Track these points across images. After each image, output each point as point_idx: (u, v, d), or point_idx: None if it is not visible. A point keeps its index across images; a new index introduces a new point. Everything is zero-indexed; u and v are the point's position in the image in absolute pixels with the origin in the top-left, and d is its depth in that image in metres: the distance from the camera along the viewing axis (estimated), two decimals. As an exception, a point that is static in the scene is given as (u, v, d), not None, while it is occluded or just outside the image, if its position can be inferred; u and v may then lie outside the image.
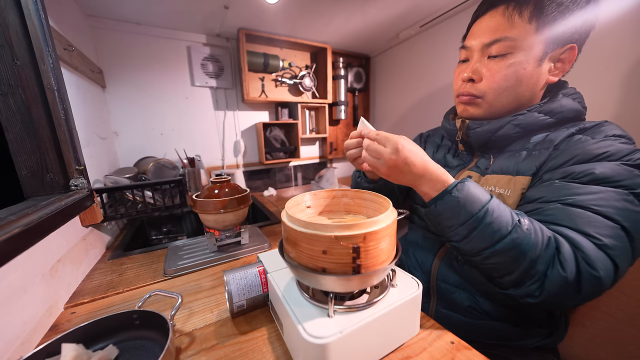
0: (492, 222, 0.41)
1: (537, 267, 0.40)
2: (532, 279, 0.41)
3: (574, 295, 0.39)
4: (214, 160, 1.64)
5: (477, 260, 0.44)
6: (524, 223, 0.41)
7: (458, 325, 0.56)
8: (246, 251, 0.80)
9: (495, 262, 0.43)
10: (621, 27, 0.80)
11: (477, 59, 0.55)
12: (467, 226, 0.42)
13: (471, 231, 0.42)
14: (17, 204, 0.57)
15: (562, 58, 0.51)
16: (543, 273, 0.40)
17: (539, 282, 0.40)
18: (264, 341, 0.47)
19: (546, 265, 0.40)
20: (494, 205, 0.42)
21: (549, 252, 0.40)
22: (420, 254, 0.66)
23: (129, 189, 0.92)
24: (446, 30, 1.39)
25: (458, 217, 0.43)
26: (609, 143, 0.44)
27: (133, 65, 1.33)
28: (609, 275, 0.38)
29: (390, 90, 1.90)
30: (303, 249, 0.37)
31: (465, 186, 0.43)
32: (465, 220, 0.42)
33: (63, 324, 0.54)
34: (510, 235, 0.40)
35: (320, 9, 1.24)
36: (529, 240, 0.40)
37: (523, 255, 0.40)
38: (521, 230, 0.40)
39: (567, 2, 0.47)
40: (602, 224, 0.40)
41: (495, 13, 0.51)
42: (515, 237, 0.40)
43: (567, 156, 0.47)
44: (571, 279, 0.38)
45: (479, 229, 0.42)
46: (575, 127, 0.50)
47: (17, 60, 0.59)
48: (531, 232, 0.40)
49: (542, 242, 0.40)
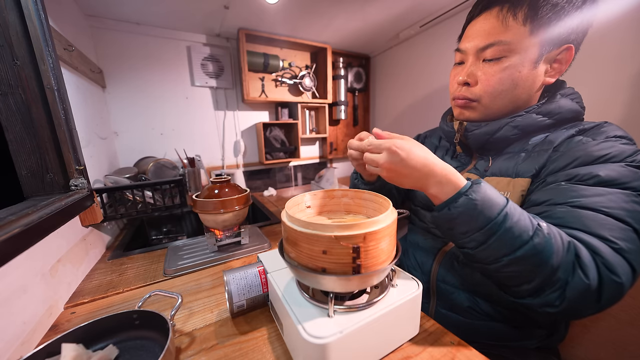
0: (513, 227, 0.38)
1: (558, 274, 0.37)
2: (553, 287, 0.38)
3: (594, 304, 0.37)
4: (214, 160, 1.64)
5: (493, 268, 0.41)
6: (544, 227, 0.38)
7: (458, 325, 0.56)
8: (246, 251, 0.80)
9: (514, 270, 0.39)
10: (624, 26, 0.80)
11: (472, 62, 0.54)
12: (485, 232, 0.39)
13: (489, 237, 0.39)
14: (17, 204, 0.57)
15: (559, 59, 0.50)
16: (564, 281, 0.37)
17: (560, 290, 0.37)
18: (264, 341, 0.47)
19: (568, 272, 0.37)
20: (512, 208, 0.39)
21: (570, 257, 0.37)
22: (420, 255, 0.66)
23: (129, 189, 0.92)
24: (446, 30, 1.39)
25: (475, 221, 0.39)
26: (610, 144, 0.44)
27: (133, 65, 1.33)
28: (628, 280, 0.36)
29: (390, 90, 1.89)
30: (303, 249, 0.37)
31: (482, 187, 0.40)
32: (484, 226, 0.39)
33: (63, 324, 0.54)
34: (532, 240, 0.37)
35: (320, 9, 1.24)
36: (550, 245, 0.37)
37: (545, 262, 0.37)
38: (542, 234, 0.37)
39: (563, 3, 0.46)
40: (616, 227, 0.38)
41: (489, 15, 0.50)
42: (537, 243, 0.37)
43: (569, 158, 0.46)
44: (593, 286, 0.36)
45: (498, 235, 0.38)
46: (575, 128, 0.50)
47: (17, 60, 0.59)
48: (552, 237, 0.37)
49: (563, 247, 0.37)
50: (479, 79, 0.53)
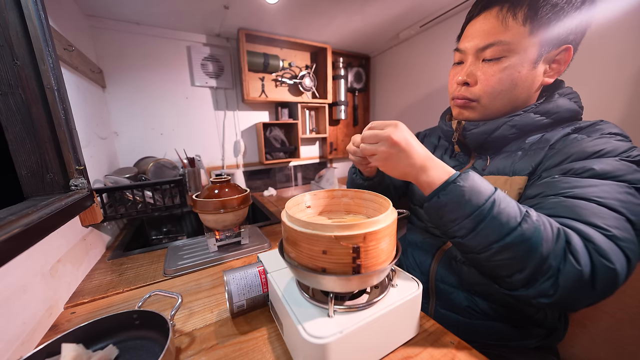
0: (500, 213, 0.39)
1: (549, 262, 0.37)
2: (544, 275, 0.38)
3: (589, 293, 0.37)
4: (214, 160, 1.64)
5: (483, 257, 0.42)
6: (533, 214, 0.39)
7: (457, 325, 0.56)
8: (246, 251, 0.80)
9: (504, 258, 0.40)
10: (624, 26, 0.80)
11: (472, 62, 0.54)
12: (473, 218, 0.40)
13: (478, 224, 0.40)
14: (17, 204, 0.57)
15: (558, 59, 0.50)
16: (556, 268, 0.37)
17: (553, 278, 0.37)
18: (264, 341, 0.47)
19: (559, 260, 0.37)
20: (500, 195, 0.40)
21: (560, 244, 0.37)
22: (418, 255, 0.66)
23: (129, 189, 0.92)
24: (446, 30, 1.39)
25: (464, 208, 0.40)
26: (605, 140, 0.44)
27: (133, 65, 1.33)
28: (622, 268, 0.36)
29: (390, 90, 1.90)
30: (303, 249, 0.37)
31: (469, 176, 0.41)
32: (472, 212, 0.40)
33: (63, 324, 0.54)
34: (520, 226, 0.38)
35: (320, 9, 1.24)
36: (539, 232, 0.37)
37: (534, 248, 0.37)
38: (531, 220, 0.38)
39: (562, 3, 0.46)
40: (609, 215, 0.38)
41: (489, 15, 0.50)
42: (525, 229, 0.38)
43: (564, 155, 0.46)
44: (586, 272, 0.36)
45: (486, 221, 0.39)
46: (571, 126, 0.50)
47: (17, 60, 0.59)
48: (540, 224, 0.38)
49: (553, 235, 0.38)
50: (478, 79, 0.53)
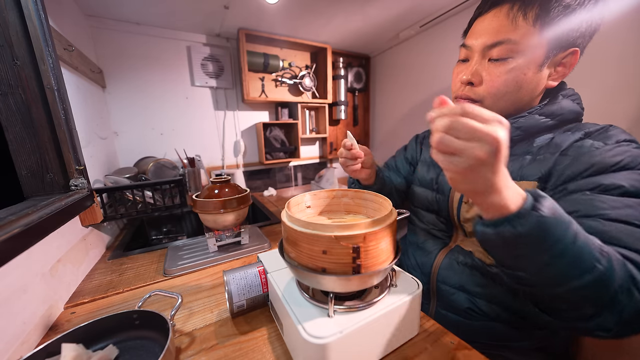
0: (582, 248, 0.32)
1: (618, 297, 0.33)
2: (611, 310, 0.34)
3: None
4: (214, 160, 1.64)
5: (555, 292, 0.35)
6: (603, 246, 0.34)
7: (457, 326, 0.56)
8: (246, 251, 0.80)
9: (578, 295, 0.34)
10: (625, 26, 0.80)
11: (478, 61, 0.53)
12: (552, 254, 0.33)
13: (556, 259, 0.33)
14: (17, 204, 0.57)
15: (564, 62, 0.50)
16: (624, 303, 0.33)
17: (619, 313, 0.33)
18: (264, 341, 0.47)
19: (625, 294, 0.33)
20: (576, 225, 0.33)
21: (626, 277, 0.34)
22: (420, 256, 0.66)
23: (129, 189, 0.92)
24: (446, 30, 1.39)
25: (543, 242, 0.32)
26: (623, 149, 0.43)
27: (133, 65, 1.33)
28: None
29: (390, 90, 1.89)
30: (303, 249, 0.37)
31: (548, 201, 0.32)
32: (552, 246, 0.32)
33: (63, 324, 0.54)
34: (600, 262, 0.33)
35: (320, 9, 1.24)
36: (611, 265, 0.33)
37: (610, 284, 0.33)
38: (606, 254, 0.33)
39: (574, 5, 0.45)
40: None
41: (499, 12, 0.49)
42: (603, 263, 0.33)
43: (585, 164, 0.45)
44: None
45: (568, 256, 0.33)
46: (580, 131, 0.49)
47: (17, 60, 0.59)
48: (611, 255, 0.34)
49: (619, 267, 0.34)
50: (483, 80, 0.53)
